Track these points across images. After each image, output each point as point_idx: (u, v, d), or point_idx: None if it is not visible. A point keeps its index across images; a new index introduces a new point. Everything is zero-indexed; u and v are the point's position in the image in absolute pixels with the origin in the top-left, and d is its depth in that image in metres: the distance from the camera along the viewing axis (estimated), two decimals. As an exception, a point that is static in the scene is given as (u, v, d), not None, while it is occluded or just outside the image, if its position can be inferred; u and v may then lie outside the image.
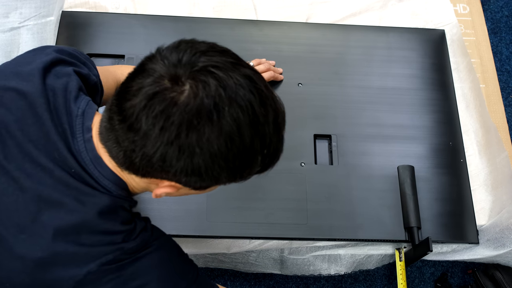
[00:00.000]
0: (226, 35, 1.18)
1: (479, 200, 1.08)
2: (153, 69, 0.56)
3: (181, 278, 0.69)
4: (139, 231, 0.66)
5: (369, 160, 1.07)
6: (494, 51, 1.67)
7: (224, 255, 1.07)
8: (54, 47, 0.74)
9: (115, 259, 0.62)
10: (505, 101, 1.60)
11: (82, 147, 0.63)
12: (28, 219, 0.60)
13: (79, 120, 0.65)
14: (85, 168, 0.63)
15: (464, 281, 1.33)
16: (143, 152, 0.56)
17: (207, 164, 0.56)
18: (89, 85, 0.74)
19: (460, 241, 1.03)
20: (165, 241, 0.70)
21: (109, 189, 0.64)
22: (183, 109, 0.53)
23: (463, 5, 1.39)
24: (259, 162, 0.60)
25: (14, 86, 0.65)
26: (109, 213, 0.63)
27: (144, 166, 0.58)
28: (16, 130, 0.62)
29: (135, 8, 1.23)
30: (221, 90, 0.54)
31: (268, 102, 0.58)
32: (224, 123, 0.54)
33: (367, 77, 1.16)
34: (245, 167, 0.59)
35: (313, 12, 1.27)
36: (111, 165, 0.63)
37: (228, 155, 0.56)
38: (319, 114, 1.10)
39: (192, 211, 0.98)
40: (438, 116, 1.14)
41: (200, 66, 0.55)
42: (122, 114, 0.56)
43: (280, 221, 0.99)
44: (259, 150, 0.58)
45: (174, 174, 0.58)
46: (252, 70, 0.59)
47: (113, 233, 0.63)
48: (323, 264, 1.11)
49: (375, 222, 1.01)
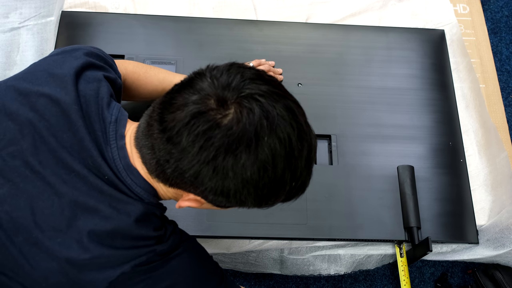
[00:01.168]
0: (225, 35, 1.18)
1: (479, 200, 1.08)
2: (201, 87, 0.57)
3: (209, 278, 0.71)
4: (169, 235, 0.68)
5: (369, 160, 1.07)
6: (494, 51, 1.67)
7: (224, 255, 1.07)
8: (83, 49, 0.74)
9: (147, 261, 0.64)
10: (505, 101, 1.60)
11: (115, 154, 0.65)
12: (63, 223, 0.61)
13: (112, 127, 0.66)
14: (118, 175, 0.64)
15: (464, 281, 1.33)
16: (177, 165, 0.57)
17: (237, 188, 0.57)
18: (115, 89, 0.76)
19: (460, 241, 1.03)
20: (192, 243, 0.72)
21: (141, 196, 0.65)
22: (225, 132, 0.55)
23: (463, 5, 1.39)
24: (286, 192, 0.61)
25: (47, 92, 0.66)
26: (143, 220, 0.64)
27: (174, 178, 0.59)
28: (49, 136, 0.63)
29: (135, 8, 1.23)
30: (263, 119, 0.55)
31: (305, 137, 0.59)
32: (260, 151, 0.55)
33: (367, 77, 1.16)
34: (271, 196, 0.60)
35: (313, 12, 1.27)
36: (142, 172, 0.64)
37: (259, 183, 0.57)
38: (319, 114, 1.10)
39: (192, 211, 0.98)
40: (438, 116, 1.14)
41: (247, 92, 0.57)
42: (163, 125, 0.58)
43: (279, 221, 0.99)
44: (288, 182, 0.59)
45: (203, 191, 0.59)
46: (295, 103, 0.60)
47: (147, 239, 0.64)
48: (323, 264, 1.11)
49: (375, 222, 1.01)
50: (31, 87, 0.66)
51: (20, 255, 0.61)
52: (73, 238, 0.61)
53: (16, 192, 0.62)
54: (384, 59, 1.19)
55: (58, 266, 0.61)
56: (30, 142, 0.63)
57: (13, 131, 0.64)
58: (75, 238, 0.61)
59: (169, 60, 1.12)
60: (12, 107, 0.65)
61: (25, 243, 0.61)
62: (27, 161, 0.63)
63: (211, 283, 0.71)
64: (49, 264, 0.61)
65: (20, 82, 0.67)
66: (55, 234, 0.61)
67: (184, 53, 1.14)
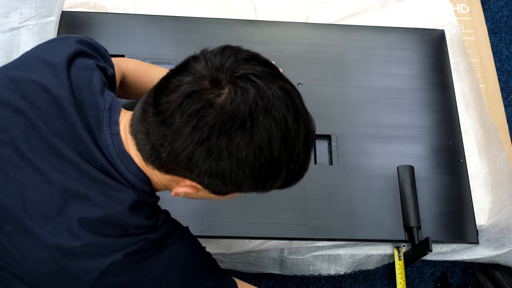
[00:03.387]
0: (225, 35, 1.18)
1: (479, 200, 1.08)
2: (194, 69, 0.57)
3: (202, 268, 0.70)
4: (162, 223, 0.67)
5: (369, 160, 1.07)
6: (494, 51, 1.67)
7: (224, 255, 1.07)
8: (75, 37, 0.74)
9: (139, 250, 0.63)
10: (505, 101, 1.60)
11: (109, 140, 0.64)
12: (54, 211, 0.61)
13: (106, 114, 0.65)
14: (111, 162, 0.63)
15: (464, 281, 1.32)
16: (172, 148, 0.57)
17: (232, 169, 0.57)
18: (107, 78, 0.75)
19: (460, 241, 1.03)
20: (184, 233, 0.71)
21: (134, 183, 0.64)
22: (218, 111, 0.54)
23: (463, 5, 1.39)
24: (284, 176, 0.60)
25: (38, 79, 0.65)
26: (135, 208, 0.63)
27: (169, 162, 0.59)
28: (40, 123, 0.63)
29: (135, 8, 1.23)
30: (258, 99, 0.55)
31: (301, 119, 0.59)
32: (255, 131, 0.55)
33: (367, 77, 1.16)
34: (269, 178, 0.60)
35: (313, 12, 1.27)
36: (137, 159, 0.64)
37: (254, 164, 0.57)
38: (319, 114, 1.10)
39: (192, 211, 0.98)
40: (438, 116, 1.14)
41: (242, 73, 0.56)
42: (157, 108, 0.57)
43: (280, 221, 0.99)
44: (285, 164, 0.59)
45: (198, 174, 0.58)
46: (291, 85, 0.60)
47: (139, 227, 0.64)
48: (323, 264, 1.11)
49: (375, 222, 1.01)
50: (23, 75, 0.66)
51: (10, 244, 0.61)
52: (63, 226, 0.60)
53: (7, 180, 0.62)
54: (384, 59, 1.19)
55: (49, 255, 0.60)
56: (21, 129, 0.63)
57: (4, 119, 0.63)
58: (66, 225, 0.60)
59: (169, 60, 1.12)
60: (3, 95, 0.64)
61: (15, 232, 0.61)
62: (18, 149, 0.62)
63: (203, 273, 0.70)
64: (39, 252, 0.60)
65: (11, 71, 0.67)
66: (45, 222, 0.60)
67: (184, 53, 1.12)
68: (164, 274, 0.65)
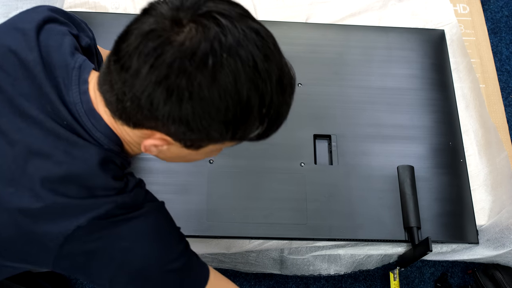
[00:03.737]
0: (226, 35, 1.18)
1: (479, 200, 1.08)
2: (156, 12, 0.54)
3: (172, 248, 0.66)
4: (133, 187, 0.64)
5: (369, 160, 1.07)
6: (494, 51, 1.67)
7: (224, 255, 1.07)
8: (49, 6, 0.72)
9: (107, 214, 0.60)
10: (505, 101, 1.60)
11: (77, 99, 0.62)
12: (16, 173, 0.59)
13: (75, 72, 0.63)
14: (78, 120, 0.61)
15: (464, 281, 1.33)
16: (133, 94, 0.54)
17: (195, 111, 0.54)
18: (82, 48, 0.73)
19: (460, 241, 1.03)
20: (159, 206, 0.68)
21: (100, 142, 0.62)
22: (176, 48, 0.51)
23: (463, 5, 1.39)
24: (257, 121, 0.57)
25: (7, 43, 0.64)
26: (100, 167, 0.61)
27: (134, 112, 0.56)
28: (6, 85, 0.62)
29: (135, 8, 1.23)
30: (222, 36, 0.52)
31: (273, 60, 0.55)
32: (219, 71, 0.52)
33: (367, 77, 1.16)
34: (239, 123, 0.56)
35: (313, 12, 1.27)
36: (106, 117, 0.62)
37: (219, 105, 0.53)
38: (319, 114, 1.10)
39: (192, 211, 0.98)
40: (438, 116, 1.14)
41: (205, 10, 0.53)
42: (118, 55, 0.55)
43: (279, 221, 0.99)
44: (256, 107, 0.55)
45: (163, 121, 0.56)
46: (262, 26, 0.56)
47: (105, 188, 0.61)
48: (323, 264, 1.11)
49: (375, 222, 1.01)
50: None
51: None
52: (25, 187, 0.59)
53: None
54: (384, 59, 1.19)
55: (10, 219, 0.59)
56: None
57: None
58: (28, 186, 0.59)
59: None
60: None
61: None
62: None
63: (174, 252, 0.66)
64: (1, 217, 0.59)
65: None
66: (8, 185, 0.59)
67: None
68: (133, 246, 0.62)
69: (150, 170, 1.00)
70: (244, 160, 1.03)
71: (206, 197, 0.99)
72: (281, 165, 1.04)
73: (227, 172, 1.02)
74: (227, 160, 1.03)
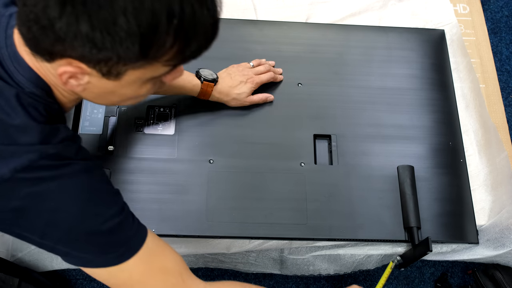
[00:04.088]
0: (225, 35, 1.17)
1: (479, 200, 1.08)
2: None
3: (106, 208, 0.64)
4: (63, 139, 0.62)
5: (369, 160, 1.07)
6: (494, 51, 1.67)
7: (224, 255, 1.07)
8: None
9: (31, 165, 0.57)
10: (505, 101, 1.60)
11: (2, 43, 0.61)
12: None
13: (4, 19, 0.63)
14: (3, 63, 0.61)
15: (464, 281, 1.33)
16: (34, 14, 0.52)
17: (93, 24, 0.50)
18: None
19: (460, 241, 1.03)
20: (94, 165, 0.65)
21: (22, 85, 0.61)
22: None
23: (463, 5, 1.39)
24: (171, 37, 0.53)
25: None
26: (19, 108, 0.59)
27: (42, 38, 0.54)
28: None
29: None
30: None
31: None
32: None
33: (367, 77, 1.16)
34: (148, 35, 0.52)
35: (313, 12, 1.27)
36: (28, 59, 0.61)
37: (116, 15, 0.50)
38: (319, 114, 1.10)
39: (192, 211, 0.98)
40: (438, 116, 1.14)
41: None
42: None
43: (279, 221, 0.99)
44: (163, 16, 0.51)
45: (68, 43, 0.53)
46: None
47: (25, 132, 0.59)
48: (323, 264, 1.11)
49: (375, 222, 1.01)
50: None
51: None
52: None
53: None
54: (384, 59, 1.19)
55: None
56: None
57: None
58: None
59: (169, 60, 1.12)
60: None
61: None
62: None
63: (108, 213, 0.63)
64: None
65: None
66: None
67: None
68: (60, 208, 0.60)
69: (150, 170, 1.00)
70: (244, 160, 1.03)
71: (206, 197, 0.99)
72: (281, 165, 1.04)
73: (227, 172, 1.02)
74: (227, 160, 1.03)
